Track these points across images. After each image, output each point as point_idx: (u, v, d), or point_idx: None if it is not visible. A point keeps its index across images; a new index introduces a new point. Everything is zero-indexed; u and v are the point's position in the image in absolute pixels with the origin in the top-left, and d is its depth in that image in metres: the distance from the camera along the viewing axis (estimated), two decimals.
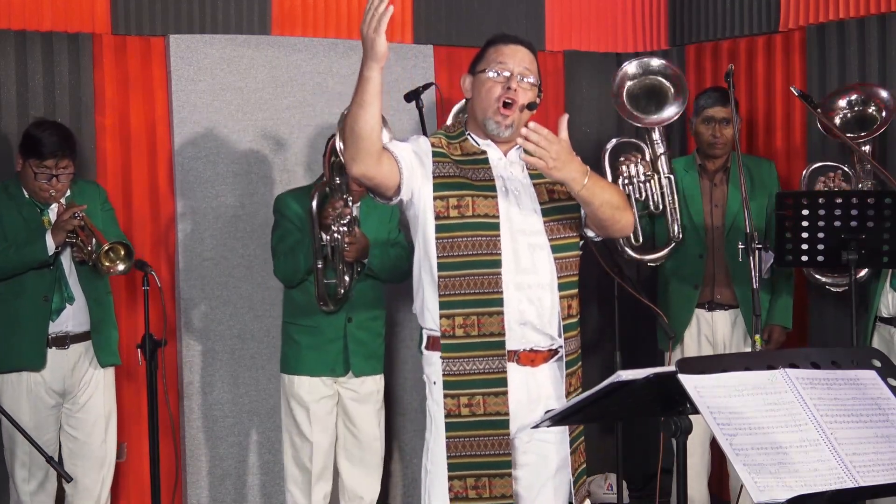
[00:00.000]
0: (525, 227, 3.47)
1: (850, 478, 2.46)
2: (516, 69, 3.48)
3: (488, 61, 3.50)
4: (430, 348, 3.52)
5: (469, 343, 3.40)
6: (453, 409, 3.41)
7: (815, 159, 5.67)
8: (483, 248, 3.41)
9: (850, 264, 4.59)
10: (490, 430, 3.40)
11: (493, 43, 3.55)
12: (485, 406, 3.40)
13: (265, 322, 5.64)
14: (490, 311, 3.40)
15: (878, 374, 2.72)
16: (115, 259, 4.70)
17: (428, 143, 3.52)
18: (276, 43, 5.75)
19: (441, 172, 3.46)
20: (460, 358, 3.40)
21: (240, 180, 5.66)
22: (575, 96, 6.57)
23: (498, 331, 3.40)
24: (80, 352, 4.88)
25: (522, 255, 3.44)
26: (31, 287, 4.76)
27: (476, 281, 3.40)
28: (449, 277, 3.40)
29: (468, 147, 3.54)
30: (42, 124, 4.86)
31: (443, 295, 3.41)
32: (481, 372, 3.39)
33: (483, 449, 3.40)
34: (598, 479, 6.26)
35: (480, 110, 3.50)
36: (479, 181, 3.47)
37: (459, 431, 3.40)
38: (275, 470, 5.68)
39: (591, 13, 6.55)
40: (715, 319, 5.29)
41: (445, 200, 3.42)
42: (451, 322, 3.41)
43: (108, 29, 5.45)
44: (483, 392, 3.40)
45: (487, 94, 3.48)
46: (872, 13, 5.43)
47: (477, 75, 3.51)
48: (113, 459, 5.06)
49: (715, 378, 2.56)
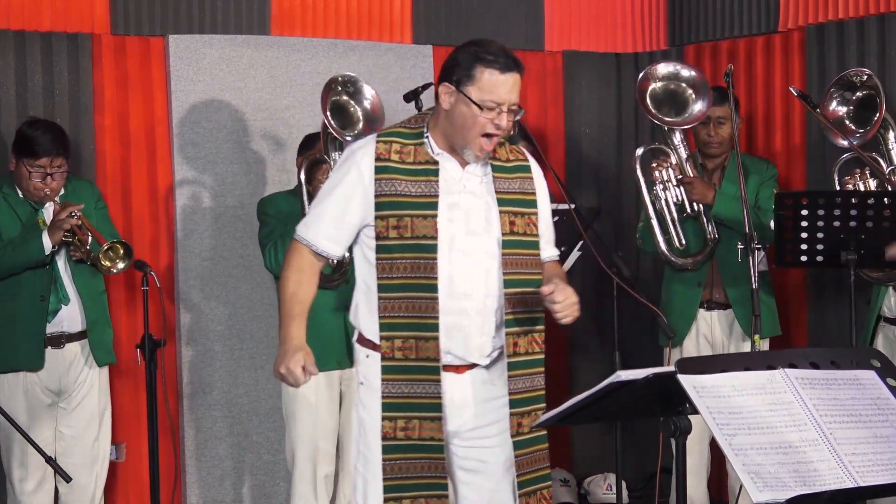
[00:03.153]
0: (466, 249, 3.39)
1: (850, 478, 2.46)
2: (507, 102, 3.34)
3: (482, 92, 3.30)
4: (360, 343, 3.52)
5: (408, 366, 3.37)
6: (389, 431, 3.38)
7: (815, 159, 5.68)
8: (421, 272, 3.35)
9: (850, 264, 4.58)
10: (425, 454, 3.39)
11: (488, 64, 3.32)
12: (420, 430, 3.38)
13: (264, 322, 5.64)
14: (427, 335, 3.35)
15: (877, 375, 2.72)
16: (115, 258, 4.70)
17: (371, 158, 3.38)
18: (276, 43, 5.75)
19: (383, 191, 3.37)
20: (399, 380, 3.37)
21: (239, 180, 5.66)
22: (574, 96, 6.57)
23: (434, 356, 3.36)
24: (76, 351, 4.88)
25: (457, 278, 3.38)
26: (28, 287, 4.76)
27: (414, 304, 3.35)
28: (389, 299, 3.36)
29: (422, 154, 3.41)
30: (35, 123, 4.85)
31: (383, 317, 3.37)
32: (418, 395, 3.37)
33: (419, 471, 3.39)
34: (598, 479, 6.26)
35: (460, 136, 3.37)
36: (421, 198, 3.37)
37: (395, 454, 3.38)
38: (274, 470, 5.68)
39: (590, 13, 6.55)
40: (713, 319, 5.29)
41: (386, 220, 3.36)
42: (391, 344, 3.37)
43: (107, 29, 5.45)
44: (419, 416, 3.38)
45: (472, 127, 3.34)
46: (872, 13, 5.43)
47: (464, 100, 3.32)
48: (107, 458, 5.05)
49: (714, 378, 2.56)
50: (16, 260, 4.69)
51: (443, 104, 3.39)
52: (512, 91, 3.34)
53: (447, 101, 3.38)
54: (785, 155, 5.84)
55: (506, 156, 3.53)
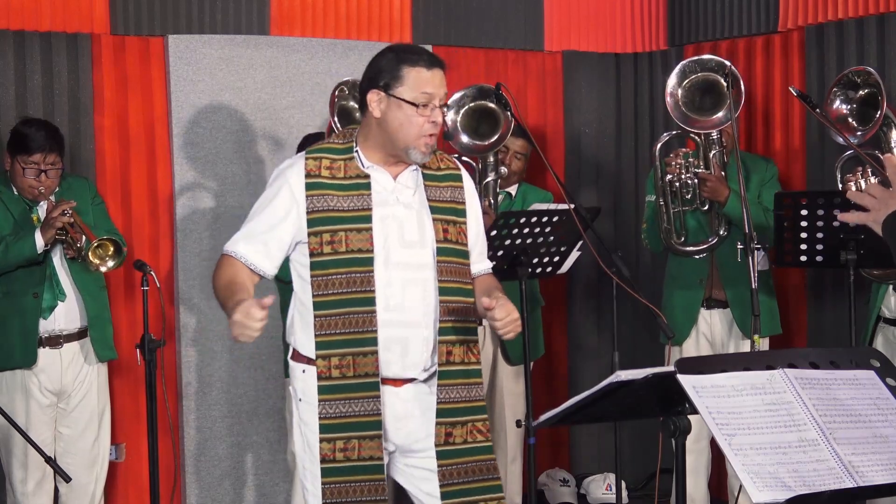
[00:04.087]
0: (402, 261, 3.36)
1: (850, 478, 2.46)
2: (438, 96, 3.36)
3: (410, 88, 3.33)
4: (294, 359, 3.45)
5: (345, 384, 3.31)
6: (328, 453, 3.32)
7: (815, 159, 5.68)
8: (357, 286, 3.31)
9: (849, 264, 4.58)
10: (366, 476, 3.32)
11: (413, 63, 3.35)
12: (359, 451, 3.32)
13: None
14: (364, 350, 3.30)
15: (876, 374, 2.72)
16: (105, 256, 4.70)
17: (301, 175, 3.37)
18: (275, 43, 5.75)
19: (315, 207, 3.34)
20: (336, 400, 3.31)
21: (239, 180, 5.66)
22: (574, 96, 6.57)
23: (373, 371, 3.31)
24: (75, 351, 4.88)
25: (393, 290, 3.35)
26: (21, 284, 4.77)
27: (351, 320, 3.30)
28: (325, 317, 3.31)
29: (352, 168, 3.39)
30: (29, 122, 4.88)
31: (319, 335, 3.31)
32: (357, 414, 3.31)
33: (359, 494, 3.32)
34: (597, 479, 6.26)
35: (400, 140, 3.35)
36: (353, 211, 3.34)
37: (335, 477, 3.32)
38: (274, 470, 5.68)
39: (589, 13, 6.55)
40: (713, 317, 5.30)
41: (319, 237, 3.32)
42: (328, 363, 3.31)
43: (106, 29, 5.45)
44: (359, 435, 3.32)
45: (410, 126, 3.33)
46: (871, 13, 5.43)
47: (395, 100, 3.34)
48: (106, 458, 5.06)
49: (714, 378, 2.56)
50: (8, 258, 4.69)
51: (373, 112, 3.38)
52: (440, 86, 3.37)
53: (378, 109, 3.37)
54: (784, 155, 5.84)
55: (437, 164, 3.51)
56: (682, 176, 5.18)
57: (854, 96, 4.96)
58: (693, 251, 5.23)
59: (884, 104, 4.78)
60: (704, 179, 5.12)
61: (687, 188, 5.19)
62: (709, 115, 5.17)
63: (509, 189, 5.59)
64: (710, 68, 5.24)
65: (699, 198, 5.19)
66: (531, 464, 4.69)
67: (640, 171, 6.56)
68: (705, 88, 5.24)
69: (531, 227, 4.72)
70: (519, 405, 5.52)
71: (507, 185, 5.57)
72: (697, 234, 5.24)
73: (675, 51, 6.38)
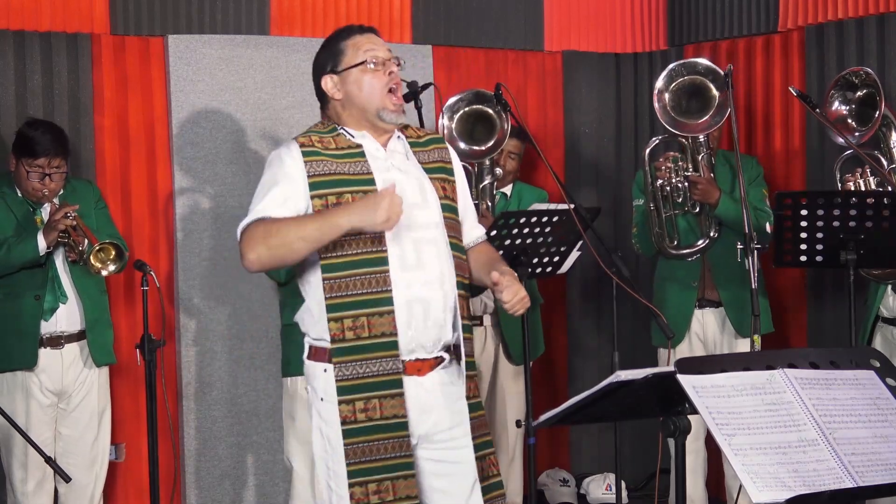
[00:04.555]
0: (411, 222, 3.34)
1: (849, 478, 2.46)
2: (383, 54, 3.42)
3: (353, 54, 3.40)
4: (313, 358, 3.40)
5: (360, 346, 3.27)
6: (349, 415, 3.27)
7: (815, 160, 5.68)
8: (368, 246, 3.29)
9: (849, 264, 4.58)
10: (389, 434, 3.28)
11: (345, 36, 3.45)
12: (381, 410, 3.27)
13: (263, 322, 5.64)
14: (380, 310, 3.27)
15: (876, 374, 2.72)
16: (106, 260, 4.70)
17: (296, 147, 3.39)
18: (275, 43, 5.75)
19: (315, 171, 3.33)
20: (352, 362, 3.27)
21: (238, 180, 5.66)
22: (574, 96, 6.57)
23: (390, 331, 3.27)
24: (75, 352, 4.88)
25: (407, 251, 3.33)
26: (23, 287, 4.77)
27: (363, 280, 3.27)
28: (335, 279, 3.27)
29: (342, 141, 3.41)
30: (34, 123, 4.87)
31: (329, 297, 3.27)
32: (375, 374, 3.27)
33: (382, 453, 3.28)
34: (597, 479, 6.26)
35: (370, 105, 3.38)
36: (357, 175, 3.34)
37: (357, 437, 3.27)
38: (273, 470, 5.68)
39: (589, 13, 6.55)
40: (705, 317, 5.30)
41: (324, 199, 3.30)
42: (340, 325, 3.27)
43: (106, 29, 5.45)
44: (379, 395, 3.27)
45: (372, 88, 3.38)
46: (871, 13, 5.43)
47: (347, 71, 3.40)
48: (106, 458, 5.06)
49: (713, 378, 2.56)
50: (10, 259, 4.69)
51: (334, 96, 3.44)
52: (380, 44, 3.45)
53: (337, 91, 3.43)
54: (784, 155, 5.84)
55: (416, 133, 3.57)
56: (672, 180, 5.18)
57: (853, 97, 4.97)
58: (685, 254, 5.23)
59: (882, 104, 4.78)
60: (695, 182, 5.12)
61: (678, 192, 5.19)
62: (696, 119, 5.17)
63: (504, 189, 5.59)
64: (696, 71, 5.24)
65: (689, 200, 5.19)
66: (531, 464, 4.69)
67: None
68: (692, 92, 5.24)
69: (531, 227, 4.72)
70: (519, 405, 5.52)
71: (502, 185, 5.57)
72: (688, 236, 5.24)
73: (675, 51, 6.38)
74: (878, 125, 4.82)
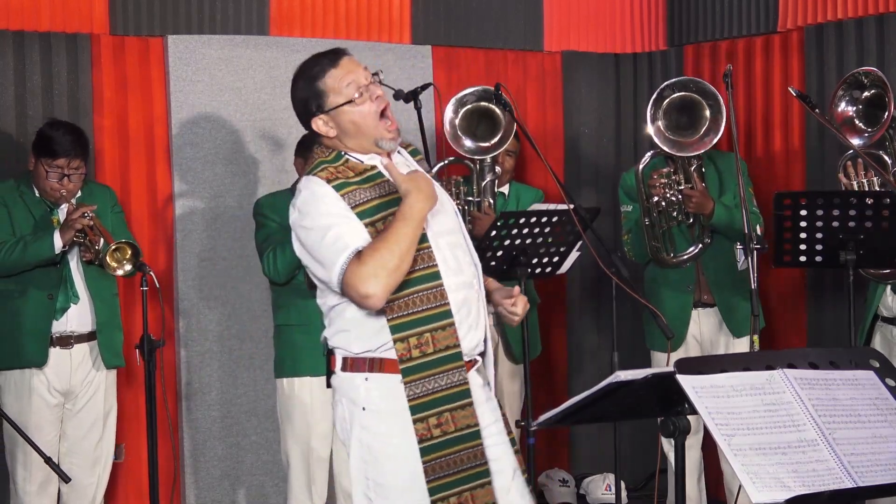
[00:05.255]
0: (441, 228, 3.37)
1: (849, 478, 2.46)
2: (362, 77, 3.35)
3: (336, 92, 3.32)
4: (349, 369, 3.36)
5: (427, 362, 3.29)
6: (424, 433, 3.27)
7: (814, 160, 5.68)
8: (420, 263, 3.29)
9: (848, 264, 4.58)
10: (464, 445, 3.30)
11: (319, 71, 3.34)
12: (454, 422, 3.29)
13: (263, 322, 5.63)
14: (441, 324, 3.30)
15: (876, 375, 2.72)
16: (122, 259, 4.70)
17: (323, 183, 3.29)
18: (275, 43, 5.75)
19: (355, 202, 3.29)
20: (421, 379, 3.28)
21: (238, 181, 5.66)
22: (573, 97, 6.57)
23: (453, 343, 3.30)
24: (84, 352, 4.89)
25: (448, 257, 3.36)
26: (36, 285, 4.78)
27: (421, 298, 3.28)
28: (393, 301, 3.26)
29: (354, 167, 3.36)
30: (56, 124, 4.88)
31: (391, 319, 3.27)
32: (444, 388, 3.29)
33: (460, 465, 3.30)
34: (597, 480, 6.26)
35: (365, 136, 3.34)
36: (388, 196, 3.32)
37: (434, 453, 3.28)
38: (273, 471, 5.68)
39: (589, 14, 6.55)
40: (701, 317, 5.30)
41: (374, 227, 3.27)
42: (406, 345, 3.27)
43: (106, 29, 5.45)
44: (450, 408, 3.29)
45: (363, 119, 3.33)
46: (871, 13, 5.43)
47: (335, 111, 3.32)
48: (109, 460, 5.05)
49: (713, 378, 2.56)
50: (26, 257, 4.70)
51: (327, 134, 3.37)
52: (356, 68, 3.38)
53: (331, 130, 3.35)
54: (784, 155, 5.84)
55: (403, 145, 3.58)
56: (667, 195, 5.16)
57: (860, 97, 4.94)
58: (681, 261, 5.22)
59: (892, 105, 4.76)
60: (689, 196, 5.11)
61: (672, 206, 5.17)
62: (692, 136, 5.15)
63: (501, 189, 5.59)
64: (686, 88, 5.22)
65: (683, 212, 5.17)
66: (531, 464, 4.69)
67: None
68: (682, 107, 5.22)
69: (530, 228, 4.72)
70: (515, 405, 5.53)
71: (500, 185, 5.57)
72: (681, 243, 5.23)
73: (675, 51, 6.38)
74: (886, 126, 4.81)
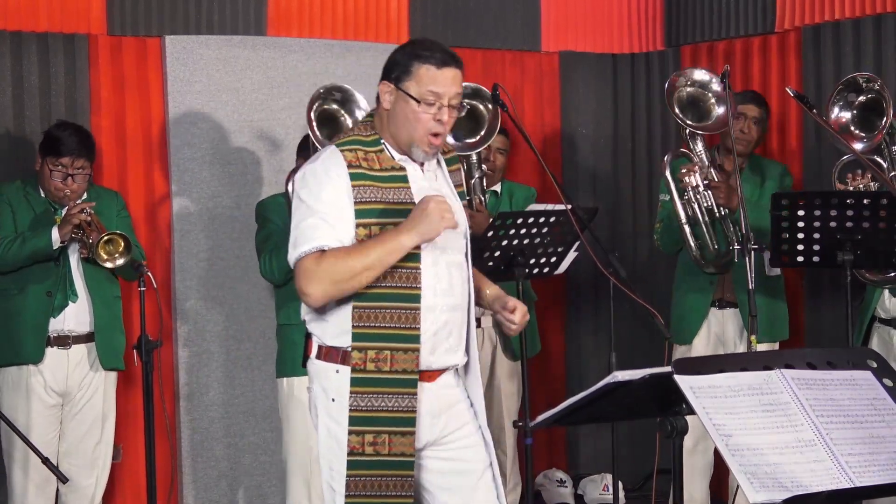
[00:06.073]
0: (447, 245, 3.35)
1: (846, 478, 2.46)
2: (447, 97, 3.31)
3: (420, 86, 3.29)
4: (323, 358, 3.37)
5: (380, 378, 3.26)
6: (357, 446, 3.26)
7: (812, 160, 5.68)
8: (402, 281, 3.28)
9: (846, 265, 4.58)
10: (393, 471, 3.28)
11: (425, 60, 3.30)
12: (390, 445, 3.27)
13: (260, 323, 5.63)
14: (405, 346, 3.27)
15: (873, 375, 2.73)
16: (114, 252, 4.70)
17: (343, 164, 3.29)
18: (272, 44, 5.74)
19: (362, 198, 3.28)
20: (369, 393, 3.26)
21: (235, 181, 5.66)
22: (571, 97, 6.57)
23: (411, 368, 3.28)
24: (83, 353, 4.88)
25: (442, 275, 3.34)
26: (35, 282, 4.78)
27: (392, 314, 3.27)
28: (363, 308, 3.26)
29: (385, 160, 3.35)
30: (63, 125, 4.91)
31: (356, 326, 3.27)
32: (390, 409, 3.27)
33: (385, 490, 3.27)
34: (595, 480, 6.26)
35: (405, 134, 3.33)
36: (399, 204, 3.31)
37: (361, 470, 3.26)
38: (271, 471, 5.68)
39: (586, 14, 6.55)
40: (724, 317, 5.30)
41: (368, 228, 3.27)
42: (364, 355, 3.26)
43: (103, 30, 5.45)
44: (390, 430, 3.27)
45: (416, 122, 3.30)
46: (868, 14, 5.43)
47: (403, 96, 3.30)
48: (108, 462, 5.05)
49: (711, 378, 2.57)
50: (24, 251, 4.71)
51: (384, 104, 3.36)
52: (451, 85, 3.31)
53: (387, 100, 3.35)
54: (781, 156, 5.85)
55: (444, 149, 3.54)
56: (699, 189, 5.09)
57: (855, 101, 4.93)
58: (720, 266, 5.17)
59: (890, 112, 4.75)
60: (717, 188, 5.08)
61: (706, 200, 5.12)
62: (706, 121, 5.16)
63: (493, 187, 5.59)
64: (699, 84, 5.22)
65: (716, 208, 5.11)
66: (528, 464, 4.69)
67: (636, 172, 6.56)
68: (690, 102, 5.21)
69: (528, 228, 4.72)
70: (513, 405, 5.53)
71: (492, 183, 5.57)
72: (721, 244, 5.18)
73: (672, 51, 6.39)
74: (883, 133, 4.80)
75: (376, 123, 3.40)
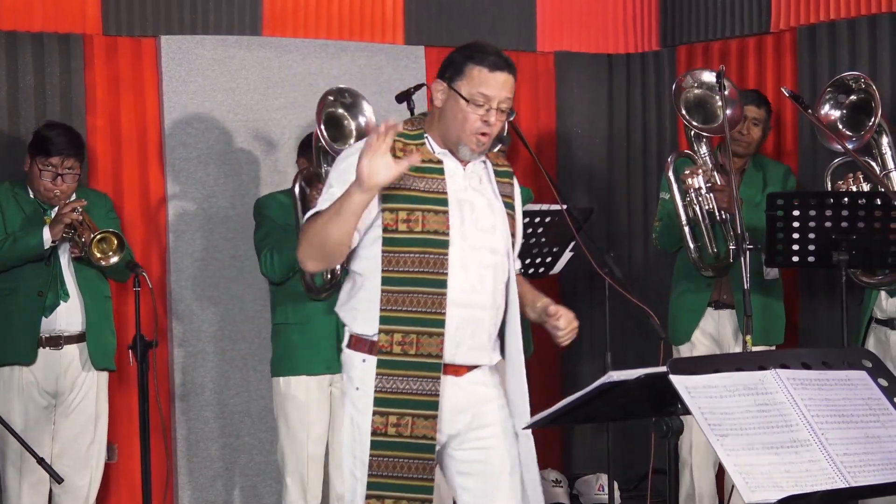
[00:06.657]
0: (479, 244, 3.40)
1: (842, 478, 2.46)
2: (496, 100, 3.36)
3: (471, 86, 3.35)
4: (353, 347, 3.44)
5: (405, 361, 3.32)
6: (380, 427, 3.32)
7: (807, 160, 5.69)
8: (430, 266, 3.33)
9: (841, 265, 4.59)
10: (415, 453, 3.32)
11: (478, 62, 3.38)
12: (412, 427, 3.32)
13: (256, 323, 5.63)
14: (431, 331, 3.32)
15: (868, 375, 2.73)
16: (108, 250, 4.70)
17: None
18: (268, 44, 5.74)
19: (392, 184, 3.31)
20: (394, 375, 3.32)
21: (231, 181, 5.66)
22: (566, 97, 6.58)
23: (436, 352, 3.33)
24: (74, 353, 4.88)
25: (471, 272, 3.38)
26: (27, 282, 4.77)
27: (419, 299, 3.32)
28: (392, 292, 3.32)
29: (425, 153, 3.40)
30: (53, 125, 4.91)
31: (384, 309, 3.32)
32: (414, 392, 3.32)
33: (406, 471, 3.32)
34: (590, 480, 6.26)
35: (454, 132, 3.39)
36: (431, 193, 3.37)
37: (384, 451, 3.32)
38: (266, 471, 5.68)
39: (582, 14, 6.55)
40: (721, 318, 5.30)
41: (395, 213, 3.33)
42: (390, 338, 3.32)
43: (99, 30, 5.45)
44: (413, 413, 3.32)
45: (464, 122, 3.36)
46: (863, 14, 5.44)
47: (454, 95, 3.37)
48: (101, 462, 5.04)
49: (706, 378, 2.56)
50: (15, 251, 4.70)
51: (436, 102, 3.43)
52: (501, 89, 3.37)
53: (439, 99, 3.42)
54: (776, 156, 5.85)
55: (495, 160, 3.58)
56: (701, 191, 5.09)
57: (845, 101, 4.93)
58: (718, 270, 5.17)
59: (878, 111, 4.76)
60: (720, 191, 5.06)
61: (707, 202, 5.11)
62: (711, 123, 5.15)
63: None
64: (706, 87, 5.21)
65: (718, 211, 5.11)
66: None
67: (631, 172, 6.57)
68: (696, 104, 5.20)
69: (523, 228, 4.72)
70: None
71: None
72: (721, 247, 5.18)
73: (668, 51, 6.39)
74: (871, 133, 4.81)
75: (426, 120, 3.48)
